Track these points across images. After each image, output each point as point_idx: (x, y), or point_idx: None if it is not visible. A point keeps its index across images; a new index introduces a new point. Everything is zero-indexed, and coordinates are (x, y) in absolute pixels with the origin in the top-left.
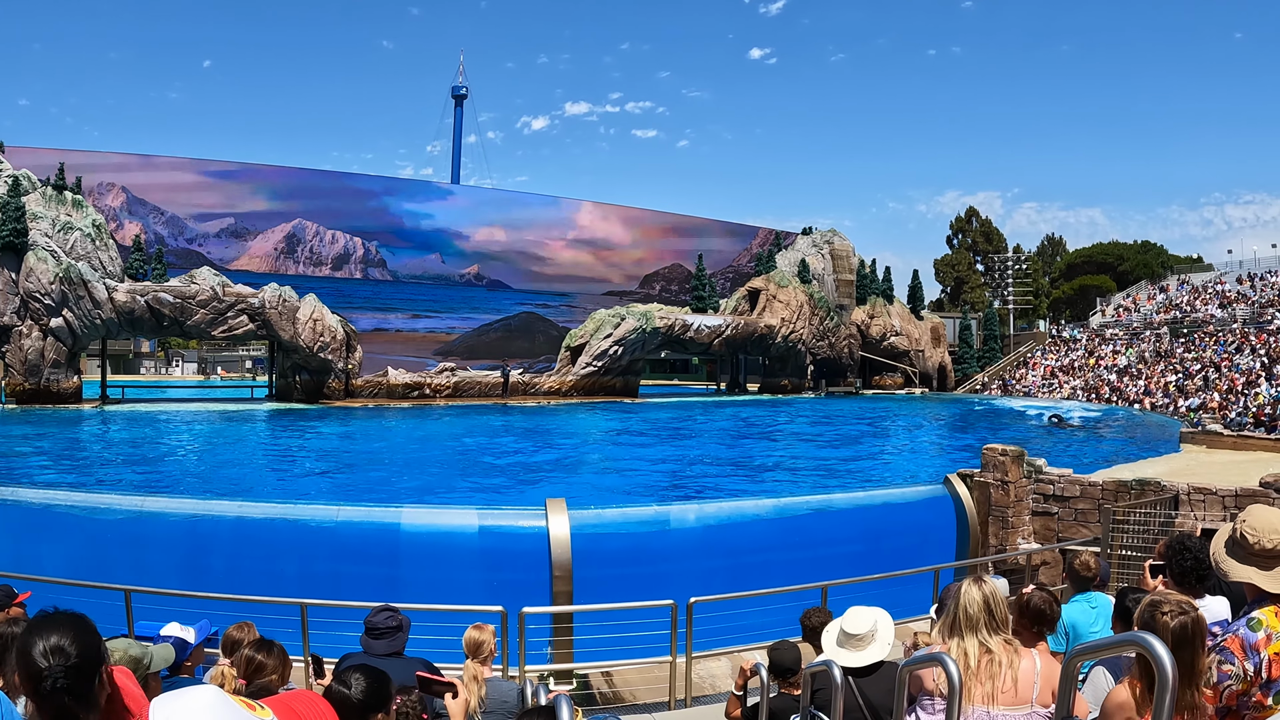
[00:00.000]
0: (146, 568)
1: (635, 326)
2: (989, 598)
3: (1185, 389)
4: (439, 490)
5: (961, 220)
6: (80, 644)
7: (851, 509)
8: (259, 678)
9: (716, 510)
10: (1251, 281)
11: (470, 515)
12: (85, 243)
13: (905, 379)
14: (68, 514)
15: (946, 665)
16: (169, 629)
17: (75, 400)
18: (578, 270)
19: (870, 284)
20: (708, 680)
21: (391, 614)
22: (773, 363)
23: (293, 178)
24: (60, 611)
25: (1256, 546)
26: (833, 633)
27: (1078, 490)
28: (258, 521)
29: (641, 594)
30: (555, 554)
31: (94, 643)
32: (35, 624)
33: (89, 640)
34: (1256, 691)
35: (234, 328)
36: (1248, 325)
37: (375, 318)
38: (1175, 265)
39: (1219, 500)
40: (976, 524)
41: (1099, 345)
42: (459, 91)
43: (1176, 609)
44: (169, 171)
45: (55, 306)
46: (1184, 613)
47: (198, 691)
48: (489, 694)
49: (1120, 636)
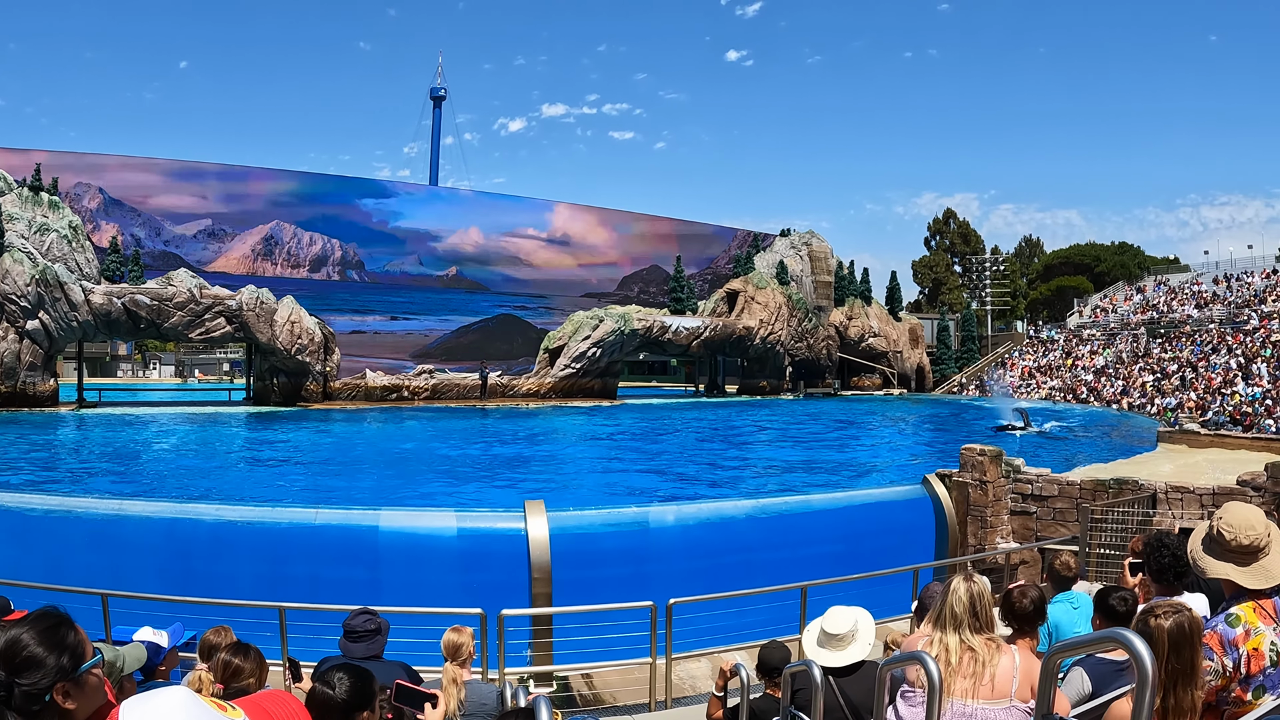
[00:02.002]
0: (124, 571)
1: (613, 328)
2: (976, 598)
3: (1162, 389)
4: (417, 492)
5: (939, 222)
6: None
7: (831, 509)
8: (236, 682)
9: (695, 511)
10: (1228, 282)
11: (449, 517)
12: (62, 244)
13: (883, 380)
14: (45, 517)
15: (926, 664)
16: (141, 633)
17: (52, 403)
18: (556, 272)
19: (848, 285)
20: (688, 681)
21: (370, 617)
22: (751, 364)
23: (270, 179)
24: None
25: (1233, 543)
26: (813, 633)
27: (1056, 489)
28: (236, 524)
29: (621, 595)
30: (534, 556)
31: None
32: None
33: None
34: (1236, 687)
35: (211, 330)
36: (1224, 325)
37: (353, 320)
38: (1152, 266)
39: (1196, 499)
40: (955, 524)
41: (1076, 346)
42: (438, 93)
43: (1170, 610)
44: (146, 173)
45: (31, 308)
46: (1178, 612)
47: (168, 692)
48: (468, 697)
49: (1100, 633)
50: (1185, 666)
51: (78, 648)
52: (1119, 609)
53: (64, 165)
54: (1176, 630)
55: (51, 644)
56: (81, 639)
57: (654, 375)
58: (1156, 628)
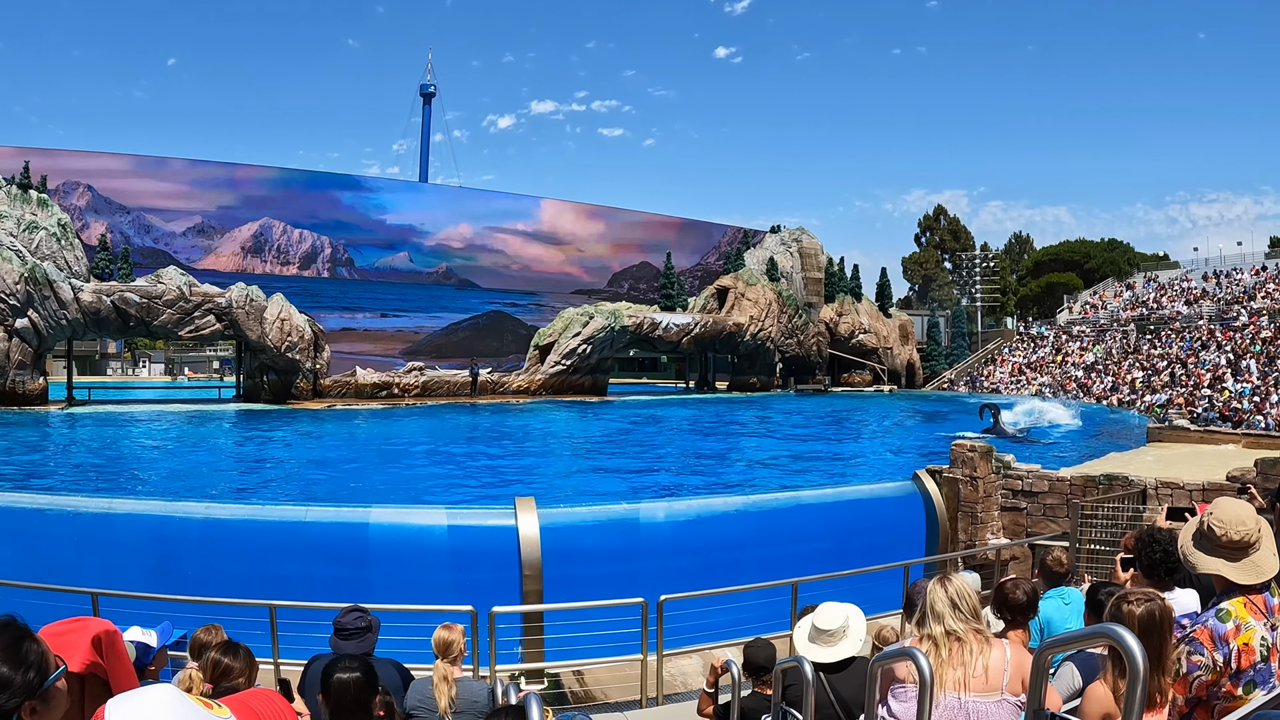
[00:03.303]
0: (114, 570)
1: (604, 325)
2: (955, 594)
3: (1152, 385)
4: (407, 489)
5: (930, 218)
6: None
7: (821, 505)
8: (226, 681)
9: (686, 507)
10: (1217, 279)
11: (439, 514)
12: (51, 242)
13: (874, 377)
14: (34, 516)
15: (917, 659)
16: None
17: (41, 402)
18: (546, 269)
19: (839, 282)
20: (679, 678)
21: (361, 614)
22: (741, 361)
23: (259, 176)
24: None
25: (1224, 539)
26: (804, 629)
27: (1046, 485)
28: (226, 522)
29: (612, 592)
30: (525, 552)
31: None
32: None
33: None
34: (1226, 682)
35: (201, 328)
36: (1213, 322)
37: (343, 317)
38: (1142, 263)
39: (1186, 495)
40: (946, 520)
41: (1066, 342)
42: (427, 89)
43: (1142, 597)
44: (135, 170)
45: (20, 307)
46: (1150, 600)
47: (154, 690)
48: (459, 694)
49: (1090, 629)
50: (1154, 653)
51: (41, 661)
52: (1108, 604)
53: (53, 163)
54: (1147, 617)
55: (15, 661)
56: (44, 650)
57: (644, 372)
58: (1128, 614)
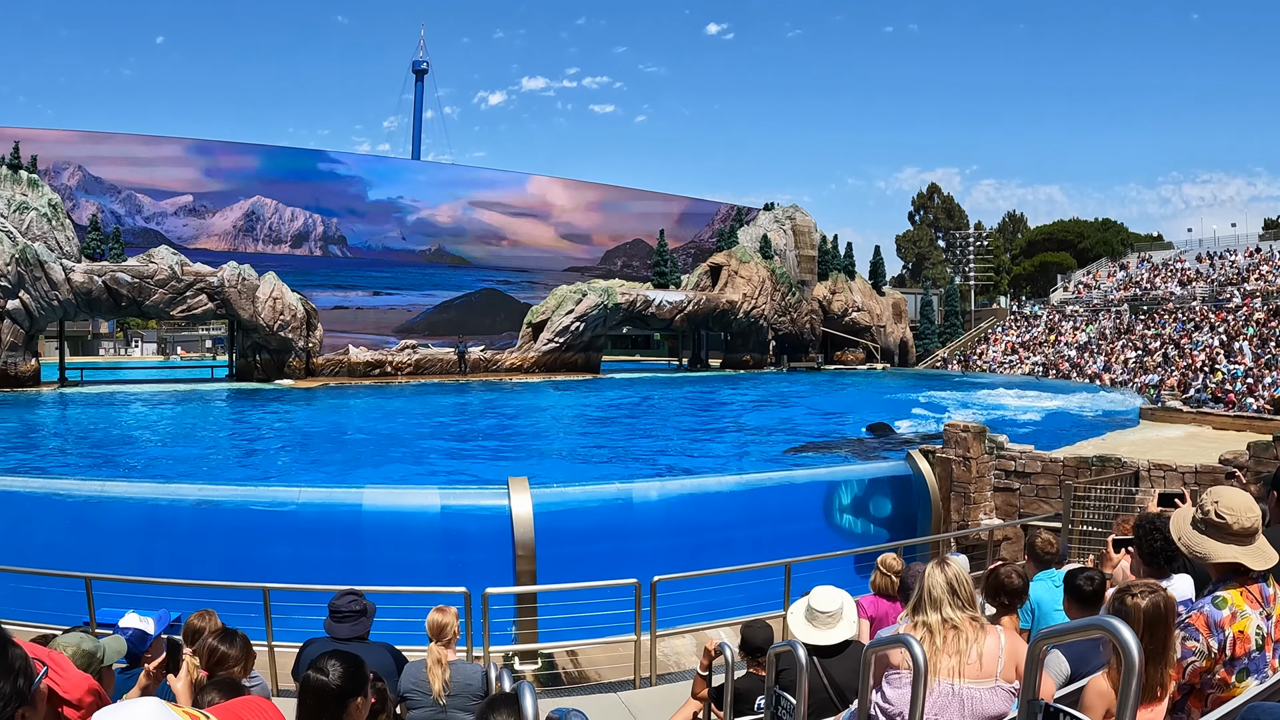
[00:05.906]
0: (107, 553)
1: (597, 302)
2: (953, 579)
3: (1145, 365)
4: (400, 470)
5: (923, 196)
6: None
7: (814, 484)
8: (222, 668)
9: (679, 487)
10: (1211, 260)
11: (432, 495)
12: (41, 223)
13: (867, 354)
14: (26, 499)
15: (911, 646)
16: (127, 620)
17: (33, 383)
18: (539, 246)
19: (832, 260)
20: (672, 658)
21: (355, 597)
22: (734, 338)
23: (250, 154)
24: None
25: (1236, 527)
26: (799, 610)
27: (1039, 466)
28: (219, 504)
29: (605, 572)
30: (518, 533)
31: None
32: None
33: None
34: (1221, 669)
35: (193, 307)
36: (1207, 303)
37: (335, 295)
38: (1135, 243)
39: (1179, 477)
40: (939, 500)
41: (1059, 322)
42: (420, 66)
43: (1146, 589)
44: (125, 149)
45: (11, 288)
46: (1154, 592)
47: (139, 703)
48: (453, 677)
49: (1085, 621)
50: (1158, 645)
51: (26, 666)
52: (1085, 588)
53: (42, 143)
54: (1152, 609)
55: (3, 670)
56: (24, 654)
57: (637, 349)
58: (1133, 606)
